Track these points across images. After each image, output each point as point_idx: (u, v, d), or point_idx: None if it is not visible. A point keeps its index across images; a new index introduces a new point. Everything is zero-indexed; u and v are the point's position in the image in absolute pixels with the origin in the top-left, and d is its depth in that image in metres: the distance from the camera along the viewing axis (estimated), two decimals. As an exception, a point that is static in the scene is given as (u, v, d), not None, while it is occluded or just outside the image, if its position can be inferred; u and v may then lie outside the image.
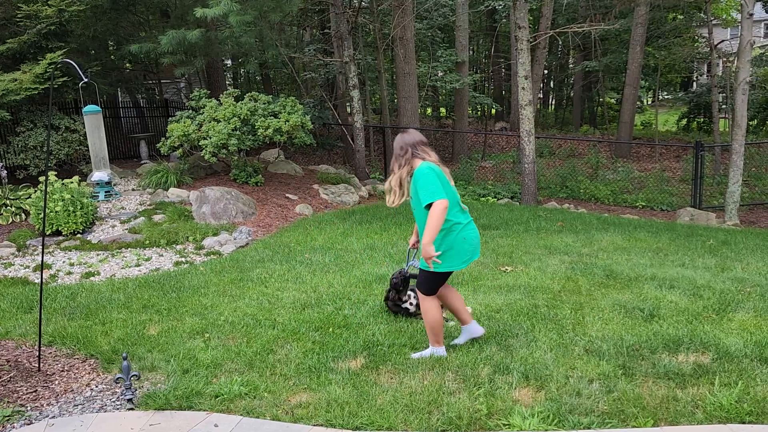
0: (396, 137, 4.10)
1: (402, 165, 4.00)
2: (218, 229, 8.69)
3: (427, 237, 3.76)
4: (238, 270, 6.79)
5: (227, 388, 3.80)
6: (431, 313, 4.09)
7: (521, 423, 3.24)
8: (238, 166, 11.01)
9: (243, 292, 5.93)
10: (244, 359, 4.25)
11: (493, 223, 9.38)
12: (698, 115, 24.56)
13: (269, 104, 10.85)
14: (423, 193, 3.80)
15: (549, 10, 18.73)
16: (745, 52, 10.86)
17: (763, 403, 3.36)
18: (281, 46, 15.00)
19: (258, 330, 4.81)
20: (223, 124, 10.08)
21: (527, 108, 11.91)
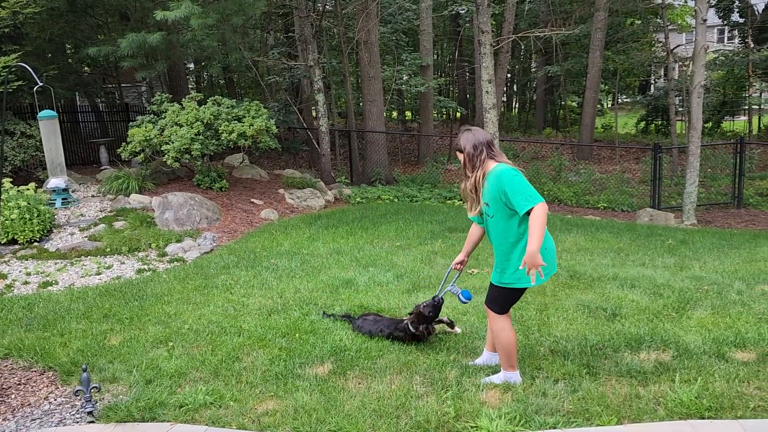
0: (463, 135, 3.67)
1: (477, 167, 3.59)
2: (182, 236, 8.54)
3: (535, 244, 3.30)
4: (202, 277, 6.68)
5: (192, 398, 3.73)
6: (505, 334, 3.68)
7: (489, 425, 3.25)
8: (202, 171, 10.85)
9: (208, 299, 5.84)
10: (209, 368, 4.18)
11: (459, 226, 9.44)
12: (656, 117, 25.20)
13: (233, 108, 10.73)
14: (519, 198, 3.37)
15: (511, 14, 18.99)
16: (699, 57, 11.18)
17: (721, 399, 3.44)
18: (245, 50, 14.86)
19: (223, 337, 4.73)
20: (186, 129, 9.93)
21: (491, 111, 12.04)
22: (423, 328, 4.40)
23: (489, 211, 3.59)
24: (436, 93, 19.68)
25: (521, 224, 3.51)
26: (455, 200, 12.96)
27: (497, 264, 3.66)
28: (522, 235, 3.50)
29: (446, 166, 17.53)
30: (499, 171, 3.49)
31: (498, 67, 17.65)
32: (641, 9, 20.14)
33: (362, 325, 4.73)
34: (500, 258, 3.63)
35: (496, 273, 3.65)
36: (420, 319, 4.39)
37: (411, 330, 4.41)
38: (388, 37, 18.77)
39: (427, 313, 4.36)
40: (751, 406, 3.38)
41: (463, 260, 4.09)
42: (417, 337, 4.44)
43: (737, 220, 12.11)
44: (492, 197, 3.52)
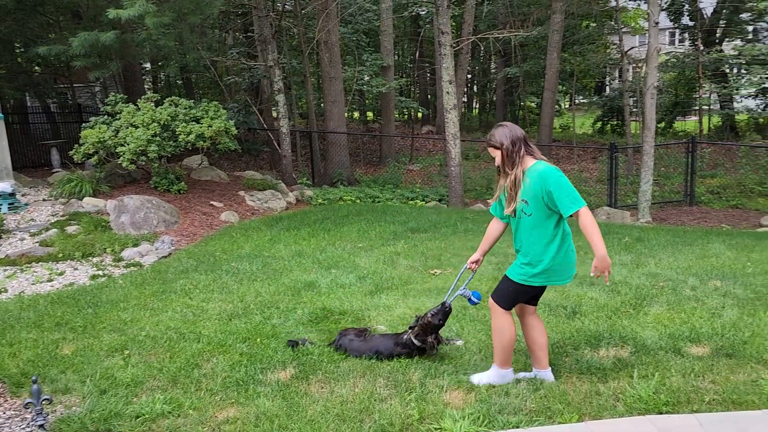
0: (498, 131, 3.52)
1: (516, 163, 3.46)
2: (139, 240, 8.33)
3: (603, 247, 3.29)
4: (160, 282, 6.52)
5: (149, 408, 3.62)
6: (508, 330, 3.61)
7: (452, 426, 3.25)
8: (159, 173, 10.61)
9: (166, 304, 5.70)
10: (167, 376, 4.07)
11: (422, 227, 9.46)
12: (612, 118, 25.76)
13: (191, 109, 10.53)
14: (565, 199, 3.32)
15: (471, 16, 19.15)
16: (652, 58, 11.47)
17: (678, 393, 3.51)
18: (203, 50, 14.61)
19: (182, 344, 4.62)
20: (142, 130, 9.69)
21: (452, 112, 12.12)
22: (432, 339, 4.06)
23: (527, 209, 3.47)
24: (397, 93, 19.73)
25: (557, 225, 3.47)
26: (417, 201, 13.00)
27: (521, 262, 3.56)
28: (555, 236, 3.47)
29: (408, 166, 17.58)
30: (544, 169, 3.42)
31: (458, 67, 17.79)
32: (596, 12, 20.58)
33: (349, 345, 4.28)
34: (527, 257, 3.53)
35: (519, 269, 3.54)
36: (428, 329, 4.07)
37: (416, 343, 4.08)
38: (348, 37, 18.72)
39: (437, 321, 4.06)
40: (706, 399, 3.46)
41: (479, 259, 3.94)
42: (423, 350, 4.08)
43: (690, 217, 12.47)
44: (533, 195, 3.42)
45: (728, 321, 4.68)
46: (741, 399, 3.44)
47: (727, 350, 4.12)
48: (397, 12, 20.71)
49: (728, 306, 5.08)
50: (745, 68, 21.31)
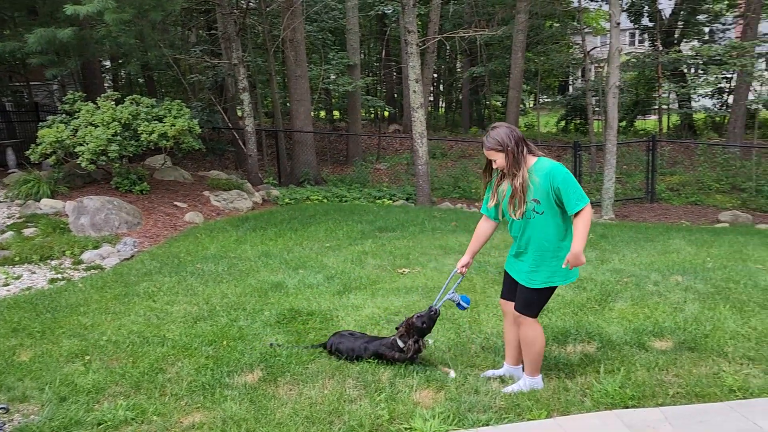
0: (498, 132, 3.42)
1: (522, 164, 3.37)
2: (99, 242, 8.12)
3: (581, 245, 3.25)
4: (122, 284, 6.36)
5: (111, 414, 3.51)
6: (540, 340, 3.52)
7: (423, 425, 3.23)
8: (121, 173, 10.36)
9: (128, 308, 5.56)
10: (130, 381, 3.96)
11: (390, 225, 9.45)
12: (575, 117, 26.19)
13: (153, 108, 10.30)
14: (573, 196, 3.29)
15: (436, 15, 19.23)
16: (614, 58, 11.68)
17: (643, 387, 3.57)
18: (165, 47, 14.32)
19: (145, 348, 4.51)
20: (102, 129, 9.45)
21: (419, 111, 12.13)
22: (413, 342, 3.96)
23: (538, 208, 3.39)
24: (363, 92, 19.67)
25: (566, 220, 3.43)
26: (385, 200, 12.98)
27: (530, 266, 3.47)
28: (567, 231, 3.43)
29: (375, 165, 17.56)
30: (551, 167, 3.37)
31: (425, 66, 17.84)
32: (559, 12, 20.88)
33: (340, 342, 4.20)
34: (537, 258, 3.45)
35: (532, 275, 3.45)
36: (411, 331, 3.99)
37: (399, 345, 4.02)
38: (314, 35, 18.60)
39: (421, 324, 3.97)
40: (670, 393, 3.52)
41: (468, 262, 3.85)
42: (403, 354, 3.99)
43: (651, 213, 12.74)
44: (543, 193, 3.36)
45: (690, 315, 4.78)
46: (704, 391, 3.51)
47: (690, 344, 4.21)
48: (363, 10, 20.67)
49: (689, 300, 5.20)
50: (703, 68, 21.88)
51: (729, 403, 3.36)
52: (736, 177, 15.25)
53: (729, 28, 25.00)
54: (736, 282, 5.75)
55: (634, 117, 25.73)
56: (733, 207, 13.44)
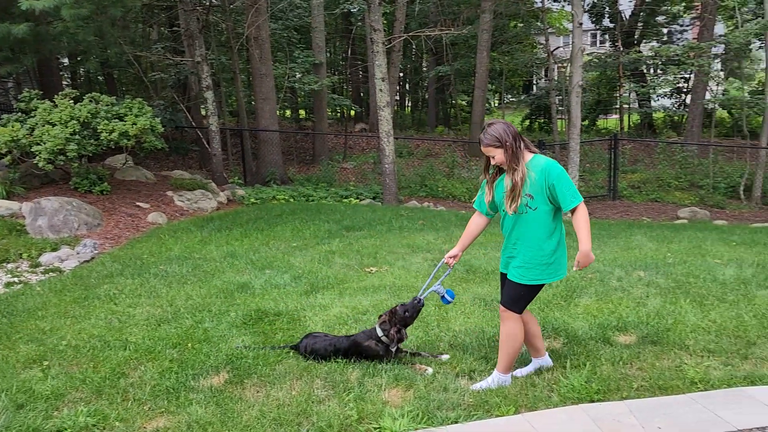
0: (496, 128, 3.42)
1: (520, 158, 3.39)
2: (58, 244, 7.89)
3: (589, 243, 3.34)
4: (82, 287, 6.19)
5: (71, 421, 3.40)
6: (521, 337, 3.57)
7: (392, 425, 3.22)
8: (80, 173, 10.10)
9: (89, 311, 5.41)
10: (90, 386, 3.84)
11: (357, 225, 9.42)
12: (539, 116, 26.56)
13: (113, 106, 10.07)
14: (567, 193, 3.35)
15: (402, 14, 19.26)
16: (577, 58, 11.87)
17: (608, 381, 3.62)
18: (125, 44, 14.00)
19: (107, 352, 4.38)
20: (60, 128, 9.19)
21: (385, 109, 12.13)
22: (395, 332, 3.92)
23: (532, 204, 3.42)
24: (329, 91, 19.59)
25: (555, 218, 3.49)
26: (352, 199, 12.94)
27: (522, 261, 3.50)
28: (555, 229, 3.49)
29: (342, 164, 17.50)
30: (546, 163, 3.41)
31: (391, 65, 17.85)
32: (523, 12, 21.13)
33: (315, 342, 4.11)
34: (527, 254, 3.49)
35: (522, 270, 3.48)
36: (393, 320, 3.96)
37: (378, 332, 3.96)
38: (279, 33, 18.42)
39: (403, 313, 3.95)
40: (634, 386, 3.58)
41: (457, 254, 3.85)
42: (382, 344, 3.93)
43: (613, 211, 13.00)
44: (538, 189, 3.39)
45: (652, 309, 4.88)
46: (666, 384, 3.58)
47: (652, 338, 4.29)
48: (328, 9, 20.56)
49: (652, 295, 5.30)
50: (662, 68, 22.42)
51: (691, 395, 3.43)
52: (694, 174, 15.67)
53: (686, 29, 25.70)
54: (696, 276, 5.90)
55: (596, 116, 26.23)
56: (692, 204, 13.80)
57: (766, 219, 12.37)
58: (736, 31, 14.31)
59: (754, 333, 4.31)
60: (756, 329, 4.38)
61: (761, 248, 7.68)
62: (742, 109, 15.53)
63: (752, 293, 5.30)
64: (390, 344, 3.97)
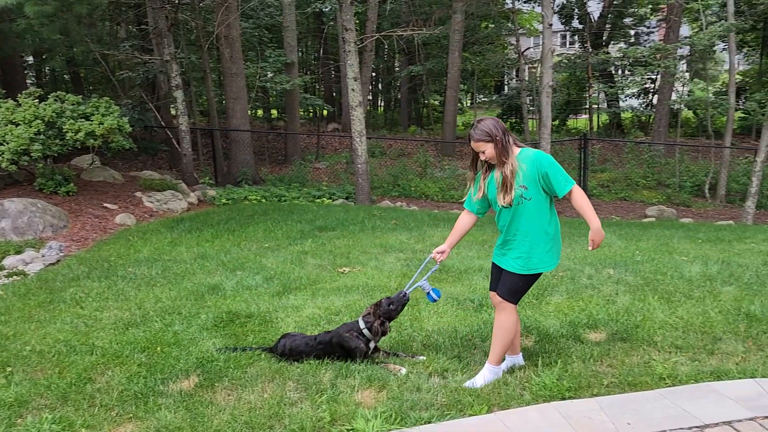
0: (486, 124, 3.50)
1: (510, 151, 3.48)
2: (22, 246, 7.70)
3: (598, 221, 3.46)
4: (47, 291, 6.04)
5: (36, 428, 3.31)
6: (514, 328, 3.65)
7: (365, 426, 3.20)
8: (45, 174, 9.86)
9: (54, 315, 5.28)
10: (56, 393, 3.75)
11: (330, 225, 9.38)
12: (511, 116, 26.80)
13: (79, 105, 9.86)
14: (561, 179, 3.45)
15: (374, 14, 19.25)
16: (547, 59, 12.00)
17: (579, 379, 3.66)
18: (92, 42, 13.73)
19: (73, 357, 4.28)
20: (24, 128, 8.96)
21: (358, 109, 12.10)
22: (378, 324, 3.91)
23: (526, 194, 3.49)
24: (302, 91, 19.48)
25: (551, 208, 3.57)
26: (324, 199, 12.89)
27: (520, 252, 3.56)
28: (551, 218, 3.57)
29: (314, 164, 17.42)
30: (536, 154, 3.50)
31: (363, 65, 17.82)
32: (494, 13, 21.29)
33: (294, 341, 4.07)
34: (526, 244, 3.55)
35: (521, 261, 3.55)
36: (377, 312, 3.96)
37: (360, 325, 3.94)
38: (250, 32, 18.25)
39: (388, 305, 3.94)
40: (605, 383, 3.62)
41: (446, 251, 3.86)
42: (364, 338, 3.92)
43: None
44: (531, 180, 3.47)
45: (622, 307, 4.95)
46: (636, 380, 3.63)
47: (622, 335, 4.35)
48: (300, 8, 20.45)
49: (621, 292, 5.38)
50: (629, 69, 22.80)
51: (659, 390, 3.48)
52: (661, 174, 15.99)
53: (653, 31, 26.19)
54: (664, 274, 6.00)
55: (566, 116, 26.58)
56: (659, 202, 14.07)
57: (730, 217, 12.68)
58: (700, 33, 14.64)
59: (719, 329, 4.40)
60: (721, 325, 4.47)
61: (726, 245, 7.87)
62: (706, 109, 15.89)
63: (717, 290, 5.41)
64: (373, 338, 3.96)
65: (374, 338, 3.98)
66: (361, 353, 3.96)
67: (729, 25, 14.04)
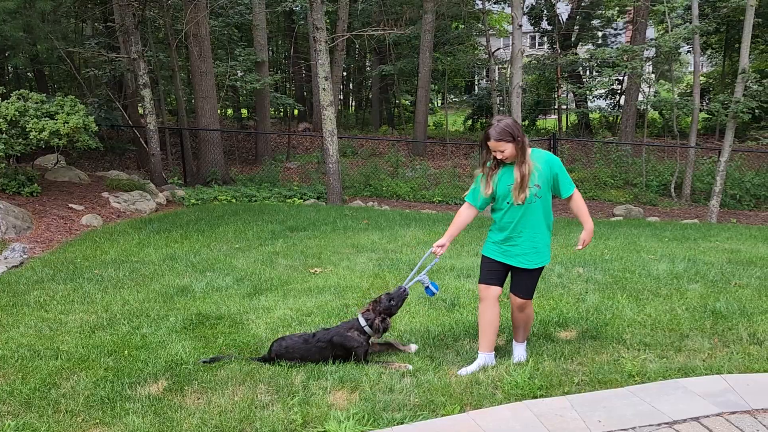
0: (506, 121, 3.58)
1: (527, 151, 3.61)
2: (-17, 249, 7.47)
3: (591, 222, 3.78)
4: (10, 294, 5.87)
5: (-3, 437, 3.21)
6: (532, 315, 4.00)
7: (337, 428, 3.17)
8: (7, 174, 9.59)
9: (17, 319, 5.12)
10: (18, 399, 3.64)
11: (301, 225, 9.32)
12: (481, 115, 27.03)
13: (43, 104, 9.61)
14: (567, 181, 3.69)
15: (345, 13, 19.20)
16: (517, 59, 12.10)
17: (550, 377, 3.69)
18: (56, 40, 13.41)
19: (36, 362, 4.16)
20: (-15, 127, 8.71)
21: (329, 108, 12.05)
22: (379, 321, 3.92)
23: (539, 193, 3.65)
24: (272, 90, 19.34)
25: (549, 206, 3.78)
26: (295, 199, 12.80)
27: (529, 248, 3.72)
28: (551, 216, 3.80)
29: (285, 164, 17.30)
30: (548, 155, 3.69)
31: (334, 64, 17.77)
32: (465, 13, 21.43)
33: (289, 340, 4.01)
34: (535, 240, 3.72)
35: (532, 256, 3.72)
36: (377, 309, 3.97)
37: (361, 322, 3.93)
38: (219, 30, 18.04)
39: (388, 301, 3.97)
40: (575, 381, 3.65)
41: (445, 244, 3.89)
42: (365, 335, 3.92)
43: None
44: (545, 180, 3.65)
45: (591, 305, 5.01)
46: (605, 378, 3.68)
47: (592, 333, 4.40)
48: (270, 6, 20.30)
49: (590, 291, 5.45)
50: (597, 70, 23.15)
51: (629, 388, 3.53)
52: (628, 173, 16.27)
53: (620, 33, 26.63)
54: (632, 272, 6.10)
55: (536, 116, 26.90)
56: (627, 201, 14.31)
57: (696, 215, 12.97)
58: (666, 36, 14.93)
59: (686, 326, 4.49)
60: (688, 322, 4.56)
61: (691, 244, 8.04)
62: (672, 110, 16.21)
63: (684, 287, 5.52)
64: (374, 335, 3.95)
65: (375, 335, 3.98)
66: (363, 353, 3.94)
67: (693, 27, 14.35)
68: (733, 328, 4.43)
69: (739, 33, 13.72)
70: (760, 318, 4.61)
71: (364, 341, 3.96)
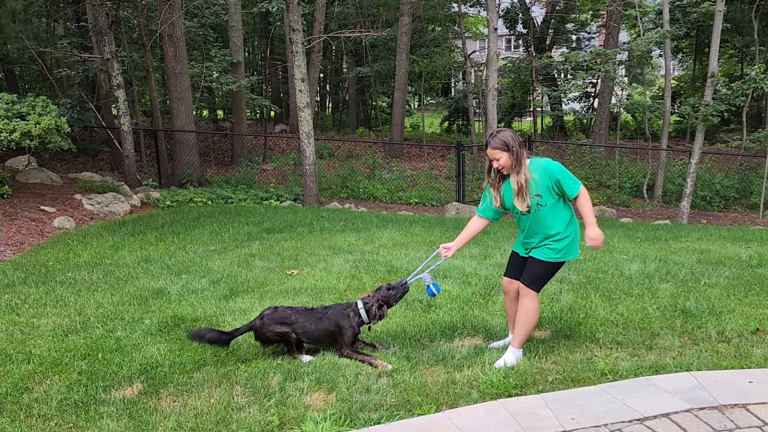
0: (504, 135, 3.79)
1: (522, 162, 3.76)
2: (-49, 252, 7.31)
3: (594, 221, 3.80)
4: (-21, 298, 5.75)
5: (-33, 443, 3.16)
6: (537, 315, 3.95)
7: (314, 429, 3.18)
8: (-24, 175, 9.41)
9: (-13, 324, 5.03)
10: (-11, 404, 3.58)
11: (277, 227, 9.28)
12: (458, 118, 27.22)
13: (14, 104, 9.44)
14: (570, 184, 3.76)
15: (321, 15, 19.18)
16: (492, 62, 12.23)
17: (525, 376, 3.74)
18: (27, 39, 13.18)
19: (8, 366, 4.09)
20: (-47, 127, 8.52)
21: (305, 110, 12.03)
22: (376, 308, 4.05)
23: (542, 201, 3.79)
24: (248, 91, 19.23)
25: (566, 204, 3.88)
26: (272, 200, 12.75)
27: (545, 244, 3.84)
28: (569, 213, 3.89)
29: (261, 165, 17.22)
30: (546, 164, 3.79)
31: (310, 66, 17.74)
32: (441, 16, 21.55)
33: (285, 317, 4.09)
34: (550, 239, 3.84)
35: (546, 250, 3.83)
36: (376, 296, 4.10)
37: (359, 305, 4.07)
38: (195, 31, 17.90)
39: (387, 290, 4.12)
40: (549, 379, 3.71)
41: (452, 248, 4.09)
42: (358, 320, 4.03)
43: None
44: (544, 188, 3.77)
45: (565, 305, 5.08)
46: (579, 376, 3.74)
47: (565, 332, 4.48)
48: (246, 7, 20.20)
49: (564, 291, 5.53)
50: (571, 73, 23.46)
51: (601, 385, 3.60)
52: (602, 175, 16.51)
53: (594, 36, 27.01)
54: (605, 272, 6.21)
55: (511, 118, 27.16)
56: (600, 203, 14.52)
57: (667, 216, 13.22)
58: (638, 40, 15.20)
59: (657, 325, 4.59)
60: (659, 321, 4.66)
61: (663, 244, 8.20)
62: (644, 112, 16.51)
63: (655, 287, 5.64)
64: (369, 321, 4.05)
65: (371, 321, 4.07)
66: (350, 336, 4.03)
67: (665, 32, 14.64)
68: (702, 326, 4.53)
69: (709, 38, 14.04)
70: (728, 316, 4.73)
71: (356, 324, 4.05)
